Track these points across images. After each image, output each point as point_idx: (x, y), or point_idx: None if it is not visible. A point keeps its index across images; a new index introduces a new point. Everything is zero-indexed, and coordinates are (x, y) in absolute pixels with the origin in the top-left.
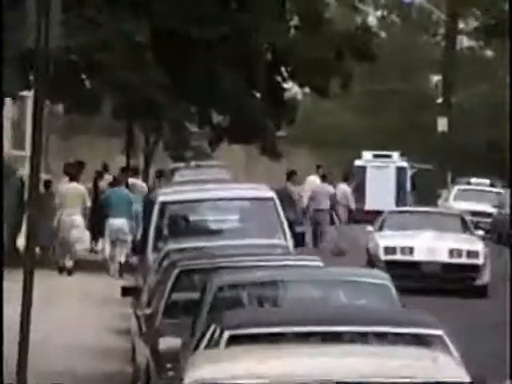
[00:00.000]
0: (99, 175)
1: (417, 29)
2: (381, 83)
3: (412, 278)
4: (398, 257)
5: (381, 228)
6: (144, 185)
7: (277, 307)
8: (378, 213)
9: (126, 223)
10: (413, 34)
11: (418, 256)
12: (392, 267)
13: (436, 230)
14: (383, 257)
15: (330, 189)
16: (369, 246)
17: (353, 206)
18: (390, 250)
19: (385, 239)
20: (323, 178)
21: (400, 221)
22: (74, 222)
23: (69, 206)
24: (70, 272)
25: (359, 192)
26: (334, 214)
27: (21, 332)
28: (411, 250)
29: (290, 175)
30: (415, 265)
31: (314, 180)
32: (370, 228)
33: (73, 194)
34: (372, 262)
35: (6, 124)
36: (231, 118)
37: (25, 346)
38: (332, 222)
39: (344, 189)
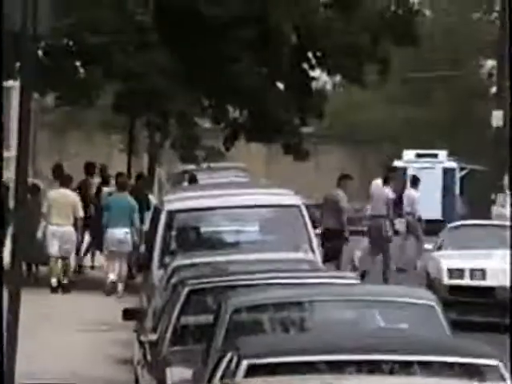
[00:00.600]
0: (103, 180)
1: (467, 5)
2: (424, 70)
3: (483, 306)
4: (467, 281)
5: (441, 246)
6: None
7: (303, 332)
8: (421, 221)
9: (128, 234)
10: (462, 11)
11: (491, 280)
12: (458, 294)
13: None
14: (447, 281)
15: (387, 192)
16: (428, 269)
17: (418, 214)
18: (455, 273)
19: (448, 260)
20: (385, 181)
21: (465, 237)
22: (65, 235)
23: (57, 217)
24: (64, 290)
25: (399, 198)
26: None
27: (6, 361)
28: (483, 273)
29: (341, 179)
30: (488, 291)
31: (378, 184)
32: (427, 245)
33: (62, 202)
34: (433, 287)
35: None
36: (250, 112)
37: (11, 379)
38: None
39: (410, 195)
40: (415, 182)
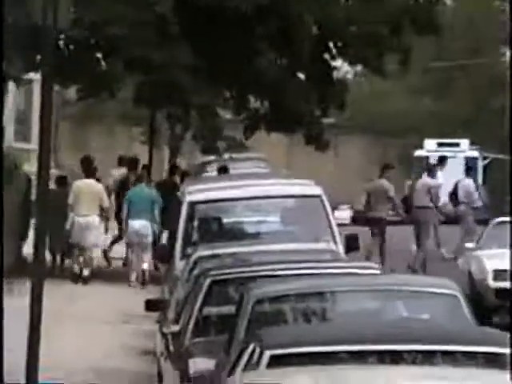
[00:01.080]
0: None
1: None
2: (446, 59)
3: None
4: None
5: (485, 244)
6: None
7: (325, 322)
8: (477, 210)
9: (148, 225)
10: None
11: None
12: (505, 297)
13: None
14: (493, 283)
15: (429, 181)
16: (471, 269)
17: (477, 203)
18: (502, 275)
19: (494, 260)
20: (429, 172)
21: (509, 234)
22: (89, 225)
23: (83, 207)
24: (85, 281)
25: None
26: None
27: (28, 353)
28: None
29: (384, 169)
30: None
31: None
32: (469, 244)
33: (87, 192)
34: (476, 289)
35: (9, 113)
36: (270, 103)
37: (34, 371)
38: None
39: (465, 184)
40: (469, 171)
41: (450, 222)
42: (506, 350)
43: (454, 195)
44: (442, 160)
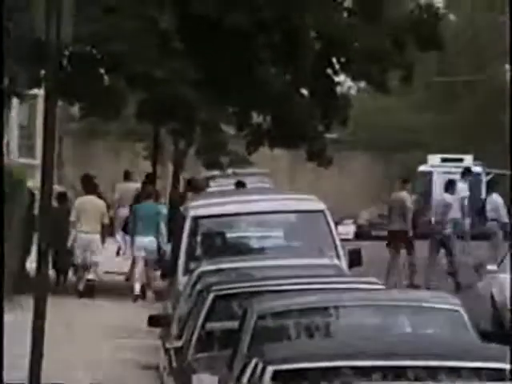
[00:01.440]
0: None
1: (492, 8)
2: (449, 75)
3: None
4: None
5: (507, 267)
6: None
7: (329, 338)
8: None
9: (154, 241)
10: (487, 14)
11: None
12: None
13: None
14: None
15: (446, 197)
16: (493, 292)
17: (505, 220)
18: None
19: None
20: (447, 188)
21: None
22: (92, 243)
23: (86, 223)
24: (90, 296)
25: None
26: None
27: (31, 369)
28: None
29: (403, 183)
30: None
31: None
32: (491, 267)
33: (89, 209)
34: (498, 312)
35: (13, 128)
36: (273, 118)
37: (36, 381)
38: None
39: (494, 200)
40: (493, 186)
41: (473, 238)
42: (509, 366)
43: (480, 211)
44: (466, 172)
